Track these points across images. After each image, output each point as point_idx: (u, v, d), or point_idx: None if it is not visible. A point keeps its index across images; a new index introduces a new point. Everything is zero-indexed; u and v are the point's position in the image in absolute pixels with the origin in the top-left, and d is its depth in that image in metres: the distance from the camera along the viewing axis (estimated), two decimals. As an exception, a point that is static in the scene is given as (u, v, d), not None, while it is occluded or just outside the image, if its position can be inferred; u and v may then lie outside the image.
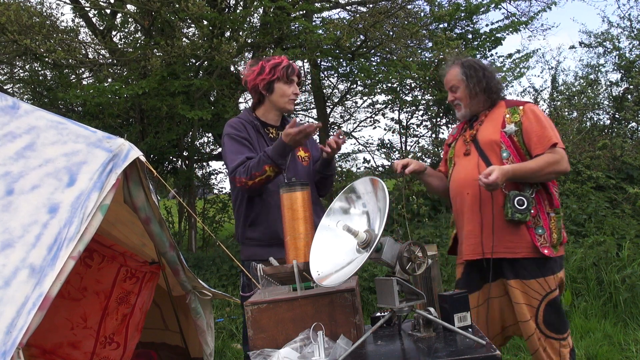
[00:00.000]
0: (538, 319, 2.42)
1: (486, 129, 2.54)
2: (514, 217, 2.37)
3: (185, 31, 7.20)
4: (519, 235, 2.42)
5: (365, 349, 1.63)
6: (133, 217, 2.66)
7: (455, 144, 2.67)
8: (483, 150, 2.49)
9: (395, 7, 6.97)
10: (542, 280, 2.43)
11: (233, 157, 2.47)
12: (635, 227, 5.34)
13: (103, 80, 6.96)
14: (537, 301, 2.43)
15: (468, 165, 2.51)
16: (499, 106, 2.60)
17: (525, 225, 2.42)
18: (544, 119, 2.50)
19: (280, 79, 2.54)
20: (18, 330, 1.81)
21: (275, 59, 2.58)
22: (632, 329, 4.10)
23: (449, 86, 2.64)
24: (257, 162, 2.38)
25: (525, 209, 2.37)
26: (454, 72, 2.63)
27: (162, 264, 3.05)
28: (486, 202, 2.45)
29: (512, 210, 2.37)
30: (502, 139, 2.47)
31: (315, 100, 8.68)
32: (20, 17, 5.74)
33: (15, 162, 2.21)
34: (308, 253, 1.76)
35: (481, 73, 2.59)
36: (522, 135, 2.47)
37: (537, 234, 2.42)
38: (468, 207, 2.49)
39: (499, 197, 2.43)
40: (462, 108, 2.61)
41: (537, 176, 2.41)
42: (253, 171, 2.37)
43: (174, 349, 3.55)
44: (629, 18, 8.00)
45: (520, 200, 2.38)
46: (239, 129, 2.56)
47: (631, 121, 7.42)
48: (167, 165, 8.46)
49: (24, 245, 1.99)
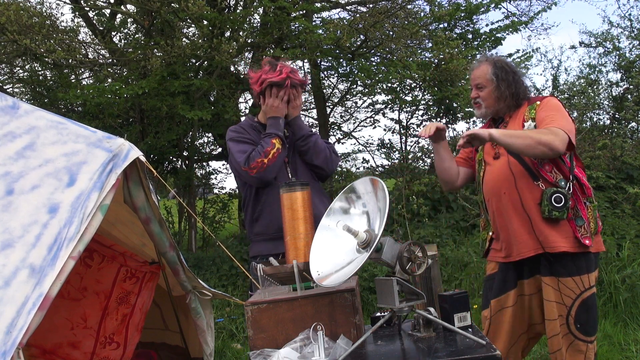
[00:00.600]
0: (569, 318, 2.38)
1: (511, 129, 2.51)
2: (551, 215, 2.34)
3: (185, 31, 7.20)
4: (560, 228, 2.37)
5: (365, 349, 1.63)
6: (133, 217, 2.66)
7: (483, 146, 2.61)
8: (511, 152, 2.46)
9: (395, 7, 6.96)
10: (578, 278, 2.38)
11: (239, 154, 2.51)
12: (635, 227, 5.34)
13: (103, 80, 6.96)
14: (570, 299, 2.38)
15: (501, 166, 2.48)
16: (523, 106, 2.56)
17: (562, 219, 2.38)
18: (555, 109, 2.45)
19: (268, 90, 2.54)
20: (18, 330, 1.81)
21: (271, 74, 2.53)
22: (632, 329, 4.10)
23: (476, 82, 2.57)
24: (263, 141, 2.49)
25: (563, 206, 2.33)
26: (484, 69, 2.56)
27: (162, 264, 3.05)
28: (527, 199, 2.41)
29: (549, 208, 2.34)
30: None
31: (315, 100, 8.68)
32: (20, 17, 5.74)
33: (15, 162, 2.21)
34: (308, 253, 1.76)
35: (511, 77, 2.54)
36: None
37: (578, 225, 2.38)
38: (508, 206, 2.45)
39: (536, 194, 2.38)
40: (483, 108, 2.57)
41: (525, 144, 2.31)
42: (265, 148, 2.45)
43: (174, 349, 3.55)
44: (629, 18, 8.00)
45: (557, 198, 2.34)
46: (240, 132, 2.60)
47: (631, 121, 7.41)
48: (167, 165, 8.46)
49: (24, 245, 1.99)
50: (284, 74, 2.52)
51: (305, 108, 9.61)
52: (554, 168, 2.42)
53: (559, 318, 2.39)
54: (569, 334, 2.40)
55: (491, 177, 2.54)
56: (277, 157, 2.47)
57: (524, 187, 2.42)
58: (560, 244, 2.36)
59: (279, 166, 2.50)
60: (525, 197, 2.41)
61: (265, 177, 2.48)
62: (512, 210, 2.44)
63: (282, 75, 2.51)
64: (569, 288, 2.39)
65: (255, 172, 2.45)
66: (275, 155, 2.46)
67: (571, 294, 2.39)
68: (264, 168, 2.45)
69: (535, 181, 2.41)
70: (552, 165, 2.42)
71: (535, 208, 2.39)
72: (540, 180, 2.41)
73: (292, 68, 2.58)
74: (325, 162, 2.62)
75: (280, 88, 2.52)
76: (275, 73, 2.52)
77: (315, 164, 2.60)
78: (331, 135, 9.25)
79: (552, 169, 2.42)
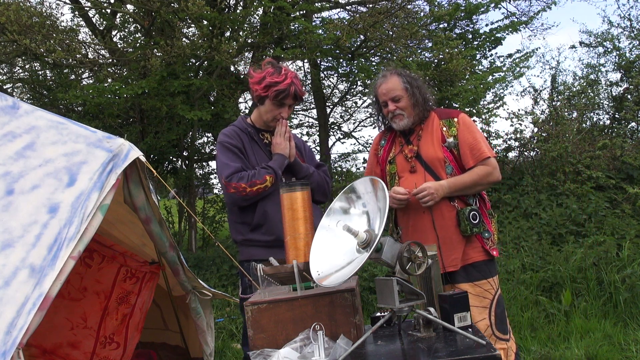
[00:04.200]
0: (491, 319, 2.49)
1: (427, 145, 2.57)
2: (472, 232, 2.48)
3: (185, 31, 7.20)
4: (471, 244, 2.52)
5: (365, 349, 1.63)
6: (133, 217, 2.66)
7: (395, 159, 2.65)
8: (429, 166, 2.54)
9: (395, 7, 6.96)
10: (492, 280, 2.53)
11: (227, 165, 2.49)
12: (635, 227, 5.34)
13: (103, 80, 6.95)
14: (488, 301, 2.49)
15: (417, 182, 2.52)
16: (431, 118, 2.63)
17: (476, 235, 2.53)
18: (475, 130, 2.59)
19: (271, 98, 2.51)
20: (18, 330, 1.81)
21: (277, 77, 2.49)
22: (632, 329, 4.10)
23: (392, 96, 2.58)
24: (259, 171, 2.46)
25: (479, 221, 2.50)
26: (394, 81, 2.60)
27: (162, 264, 3.05)
28: (441, 219, 2.51)
29: (470, 227, 2.47)
30: (445, 154, 2.54)
31: (315, 100, 8.68)
32: (20, 17, 5.74)
33: (15, 162, 2.21)
34: (308, 253, 1.76)
35: (417, 83, 2.61)
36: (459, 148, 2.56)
37: (485, 238, 2.54)
38: (424, 225, 2.53)
39: (451, 214, 2.50)
40: (405, 118, 2.59)
41: (472, 189, 2.51)
42: (254, 179, 2.43)
43: (174, 349, 3.55)
44: (629, 18, 8.00)
45: (474, 215, 2.49)
46: (232, 137, 2.57)
47: (631, 121, 7.41)
48: (167, 165, 8.45)
49: (24, 245, 1.99)
50: (288, 78, 2.49)
51: (305, 108, 9.62)
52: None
53: (481, 321, 2.48)
54: (492, 335, 2.49)
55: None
56: (261, 192, 2.45)
57: (440, 206, 2.50)
58: (473, 255, 2.51)
59: (257, 198, 2.48)
60: (440, 216, 2.51)
61: (239, 202, 2.49)
62: (428, 228, 2.52)
63: (287, 81, 2.48)
64: (485, 289, 2.51)
65: (232, 192, 2.45)
66: (259, 190, 2.44)
67: (489, 296, 2.51)
68: (242, 195, 2.44)
69: (451, 201, 2.52)
70: None
71: (452, 227, 2.50)
72: (456, 200, 2.52)
73: (295, 73, 2.56)
74: (325, 196, 2.69)
75: (286, 97, 2.49)
76: (280, 77, 2.48)
77: (316, 199, 2.61)
78: (331, 135, 9.26)
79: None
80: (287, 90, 2.48)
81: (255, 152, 2.57)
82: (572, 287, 4.62)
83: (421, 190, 2.44)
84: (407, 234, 2.58)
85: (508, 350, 2.49)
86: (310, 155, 2.79)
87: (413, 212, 2.55)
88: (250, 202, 2.48)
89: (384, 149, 2.72)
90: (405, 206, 2.56)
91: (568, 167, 6.31)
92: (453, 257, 2.50)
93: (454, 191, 2.48)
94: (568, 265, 4.79)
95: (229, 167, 2.47)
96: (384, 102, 2.62)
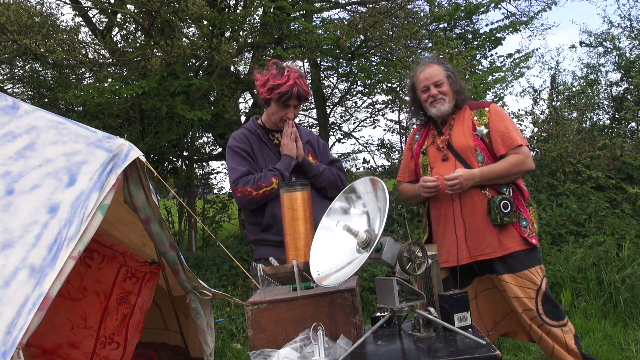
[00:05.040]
0: (539, 309, 2.49)
1: (458, 134, 2.60)
2: (502, 222, 2.48)
3: (185, 31, 7.19)
4: (507, 233, 2.52)
5: (365, 349, 1.63)
6: (133, 217, 2.66)
7: (427, 150, 2.70)
8: (460, 155, 2.56)
9: (395, 7, 6.96)
10: (533, 269, 2.52)
11: (234, 169, 2.51)
12: (635, 227, 5.34)
13: (103, 80, 6.95)
14: (533, 291, 2.50)
15: (448, 171, 2.55)
16: (463, 109, 2.68)
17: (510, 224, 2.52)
18: (507, 119, 2.61)
19: (274, 100, 2.52)
20: (18, 330, 1.81)
21: (281, 79, 2.48)
22: (632, 329, 4.10)
23: (435, 80, 2.65)
24: (265, 174, 2.47)
25: (510, 210, 2.49)
26: (437, 67, 2.68)
27: (162, 264, 3.05)
28: (470, 208, 2.52)
29: (500, 215, 2.47)
30: (476, 142, 2.57)
31: (315, 100, 8.68)
32: (20, 17, 5.74)
33: (15, 162, 2.21)
34: (308, 253, 1.76)
35: (455, 74, 2.70)
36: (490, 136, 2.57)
37: (522, 227, 2.53)
38: (454, 214, 2.54)
39: (482, 202, 2.51)
40: (446, 103, 2.64)
41: (504, 178, 2.52)
42: (259, 182, 2.44)
43: (174, 349, 3.55)
44: (629, 18, 7.99)
45: (505, 204, 2.48)
46: (240, 141, 2.58)
47: (631, 121, 7.41)
48: (167, 165, 8.45)
49: (24, 245, 1.99)
50: (291, 80, 2.48)
51: (305, 108, 9.61)
52: None
53: (525, 311, 2.49)
54: (543, 324, 2.51)
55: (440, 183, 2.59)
56: (267, 195, 2.46)
57: (472, 194, 2.52)
58: (510, 245, 2.51)
59: (265, 200, 2.48)
60: (472, 205, 2.53)
61: (247, 206, 2.51)
62: (457, 216, 2.55)
63: (290, 83, 2.47)
64: (529, 280, 2.51)
65: (239, 196, 2.48)
66: (265, 193, 2.45)
67: (532, 286, 2.51)
68: (248, 198, 2.46)
69: (482, 190, 2.52)
70: None
71: (480, 215, 2.51)
72: (487, 189, 2.52)
73: (299, 73, 2.55)
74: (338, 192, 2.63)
75: (289, 98, 2.49)
76: (283, 78, 2.47)
77: (329, 196, 2.60)
78: (331, 135, 9.26)
79: None
80: (289, 91, 2.48)
81: (265, 153, 2.58)
82: (572, 287, 4.62)
83: (453, 177, 2.45)
84: (439, 223, 2.62)
85: (566, 335, 2.50)
86: (324, 151, 2.78)
87: (444, 202, 2.58)
88: (258, 205, 2.49)
89: (418, 143, 2.77)
90: (436, 195, 2.59)
91: (568, 167, 6.31)
92: (484, 245, 2.50)
93: (486, 179, 2.49)
94: (568, 265, 4.79)
95: (236, 172, 2.49)
96: (425, 87, 2.67)
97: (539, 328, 2.51)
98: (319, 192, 2.60)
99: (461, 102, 2.67)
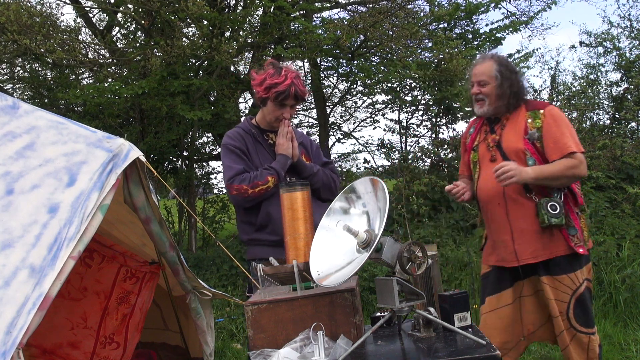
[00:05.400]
0: (569, 313, 2.46)
1: (509, 135, 2.54)
2: (551, 222, 2.40)
3: (185, 31, 7.19)
4: (554, 239, 2.45)
5: (365, 349, 1.63)
6: (133, 217, 2.66)
7: (478, 147, 2.65)
8: (508, 157, 2.49)
9: (395, 7, 6.96)
10: (573, 275, 2.46)
11: (229, 167, 2.51)
12: (635, 227, 5.34)
13: (103, 80, 6.95)
14: (567, 296, 2.46)
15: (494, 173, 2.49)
16: (519, 109, 2.58)
17: (558, 227, 2.44)
18: (563, 124, 2.49)
19: (272, 100, 2.51)
20: (18, 330, 1.81)
21: (278, 78, 2.48)
22: (632, 329, 4.10)
23: (479, 79, 2.57)
24: (261, 172, 2.47)
25: (559, 212, 2.41)
26: (488, 65, 2.58)
27: (162, 264, 3.05)
28: (517, 211, 2.47)
29: (547, 216, 2.40)
30: (526, 146, 2.48)
31: (315, 100, 8.67)
32: (20, 17, 5.73)
33: (15, 162, 2.21)
34: (308, 253, 1.76)
35: (514, 76, 2.57)
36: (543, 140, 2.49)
37: (571, 235, 2.46)
38: (500, 217, 2.52)
39: (529, 205, 2.45)
40: (486, 105, 2.57)
41: (557, 179, 2.43)
42: (256, 180, 2.44)
43: (174, 349, 3.55)
44: (629, 18, 7.99)
45: (553, 206, 2.41)
46: (235, 140, 2.58)
47: (631, 121, 7.40)
48: (167, 165, 8.45)
49: (24, 245, 1.99)
50: (288, 79, 2.48)
51: (305, 108, 9.61)
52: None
53: (560, 315, 2.46)
54: (570, 328, 2.47)
55: (486, 185, 2.57)
56: (263, 193, 2.46)
57: (516, 199, 2.48)
58: (555, 251, 2.45)
59: (260, 199, 2.48)
60: (516, 209, 2.48)
61: (242, 204, 2.51)
62: (502, 221, 2.51)
63: (287, 82, 2.47)
64: (565, 284, 2.46)
65: (234, 194, 2.47)
66: (261, 192, 2.45)
67: (567, 290, 2.46)
68: (244, 196, 2.46)
69: (528, 193, 2.47)
70: None
71: (527, 218, 2.46)
72: (534, 192, 2.46)
73: (296, 73, 2.55)
74: (332, 193, 2.64)
75: (286, 98, 2.49)
76: (280, 78, 2.47)
77: (322, 197, 2.61)
78: (331, 135, 9.25)
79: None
80: (287, 91, 2.47)
81: (260, 153, 2.57)
82: (572, 287, 4.62)
83: (501, 165, 2.36)
84: (489, 225, 2.59)
85: (591, 343, 2.48)
86: (318, 152, 2.78)
87: (491, 204, 2.55)
88: (253, 203, 2.49)
89: (471, 137, 2.72)
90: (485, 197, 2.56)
91: (568, 167, 6.29)
92: (531, 249, 2.45)
93: (539, 178, 2.40)
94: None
95: (231, 170, 2.49)
96: (472, 83, 2.62)
97: (567, 332, 2.47)
98: (312, 193, 2.59)
99: (517, 103, 2.57)
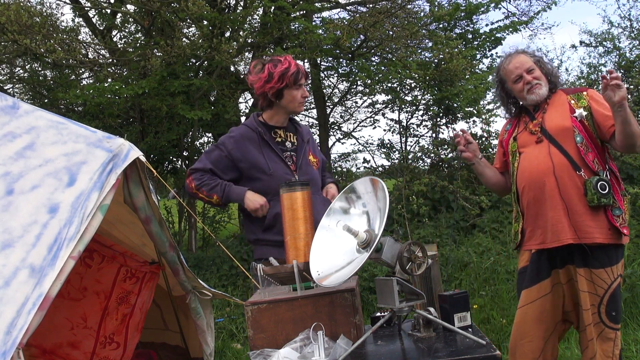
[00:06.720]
0: (601, 307, 2.44)
1: (553, 116, 2.54)
2: (600, 202, 2.38)
3: (185, 31, 7.20)
4: (598, 219, 2.42)
5: (365, 349, 1.63)
6: (133, 217, 2.66)
7: (517, 137, 2.64)
8: (554, 137, 2.48)
9: (395, 7, 6.96)
10: (609, 269, 2.44)
11: (201, 160, 2.60)
12: (635, 227, 5.34)
13: (103, 80, 6.96)
14: (602, 290, 2.43)
15: (539, 154, 2.49)
16: (557, 94, 2.61)
17: (604, 208, 2.42)
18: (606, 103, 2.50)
19: (289, 85, 2.51)
20: (18, 330, 1.81)
21: (282, 65, 2.49)
22: (632, 329, 4.10)
23: (526, 67, 2.59)
24: (214, 186, 2.53)
25: (608, 192, 2.38)
26: (523, 57, 2.63)
27: (162, 264, 3.05)
28: (567, 188, 2.44)
29: (597, 196, 2.38)
30: (574, 123, 2.48)
31: (315, 100, 8.68)
32: (20, 17, 5.74)
33: (15, 162, 2.21)
34: (308, 253, 1.76)
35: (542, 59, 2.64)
36: (593, 119, 2.48)
37: (615, 215, 2.43)
38: (548, 195, 2.47)
39: (578, 184, 2.43)
40: (543, 87, 2.58)
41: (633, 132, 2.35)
42: (204, 188, 2.53)
43: (174, 349, 3.55)
44: (629, 18, 8.00)
45: (602, 185, 2.39)
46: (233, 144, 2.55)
47: (631, 121, 7.40)
48: (167, 165, 8.45)
49: (24, 245, 1.99)
50: (292, 61, 2.53)
51: (305, 108, 9.61)
52: (596, 158, 2.46)
53: (591, 307, 2.44)
54: (599, 322, 2.45)
55: (529, 164, 2.54)
56: (205, 202, 2.61)
57: (564, 175, 2.44)
58: (596, 235, 2.41)
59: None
60: (564, 185, 2.44)
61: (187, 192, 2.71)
62: (551, 198, 2.46)
63: (293, 63, 2.53)
64: (602, 279, 2.43)
65: (187, 182, 2.61)
66: (202, 199, 2.59)
67: (603, 285, 2.43)
68: (189, 191, 2.63)
69: (577, 171, 2.44)
70: (595, 155, 2.46)
71: (576, 197, 2.42)
72: (583, 170, 2.43)
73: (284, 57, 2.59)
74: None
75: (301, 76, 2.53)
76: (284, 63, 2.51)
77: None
78: (331, 135, 9.26)
79: (594, 159, 2.46)
80: (298, 70, 2.53)
81: (265, 152, 2.54)
82: (572, 287, 4.62)
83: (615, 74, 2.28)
84: (530, 207, 2.54)
85: (617, 339, 2.46)
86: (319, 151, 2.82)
87: (535, 183, 2.50)
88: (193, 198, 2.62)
89: (509, 133, 2.73)
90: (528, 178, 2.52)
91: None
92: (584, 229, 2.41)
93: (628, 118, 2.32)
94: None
95: (201, 162, 2.57)
96: (516, 77, 2.61)
97: (594, 326, 2.45)
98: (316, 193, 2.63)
99: (555, 86, 2.61)
